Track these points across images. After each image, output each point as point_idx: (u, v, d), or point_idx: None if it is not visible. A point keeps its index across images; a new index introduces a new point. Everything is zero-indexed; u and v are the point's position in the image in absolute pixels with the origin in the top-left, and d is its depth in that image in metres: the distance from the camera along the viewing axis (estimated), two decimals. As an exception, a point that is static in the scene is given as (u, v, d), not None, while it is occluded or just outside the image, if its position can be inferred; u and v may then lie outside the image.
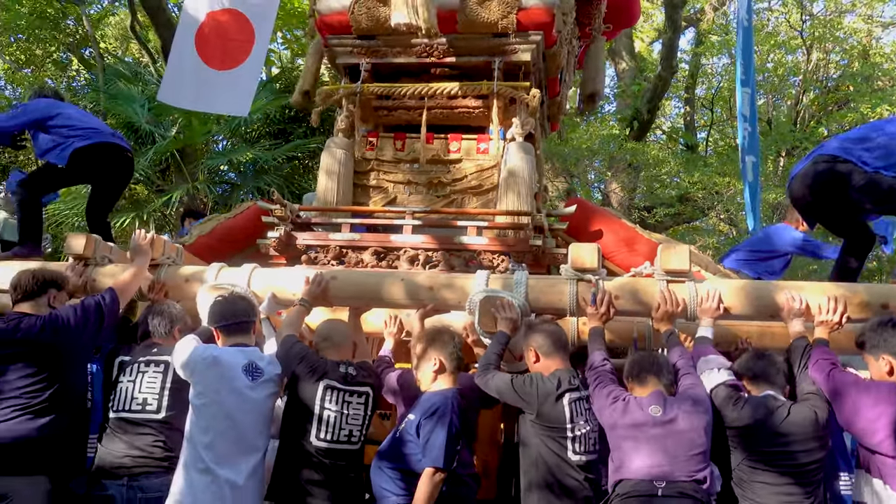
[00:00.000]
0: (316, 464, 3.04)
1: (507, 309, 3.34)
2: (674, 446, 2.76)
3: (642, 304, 3.34)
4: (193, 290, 3.73)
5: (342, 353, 3.30)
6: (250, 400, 3.03)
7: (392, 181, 4.90)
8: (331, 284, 3.57)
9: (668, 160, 14.95)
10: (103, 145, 4.28)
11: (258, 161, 10.65)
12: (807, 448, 2.79)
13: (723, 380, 3.01)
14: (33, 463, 2.98)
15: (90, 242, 3.82)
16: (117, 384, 3.24)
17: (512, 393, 3.08)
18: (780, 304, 3.18)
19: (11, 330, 3.07)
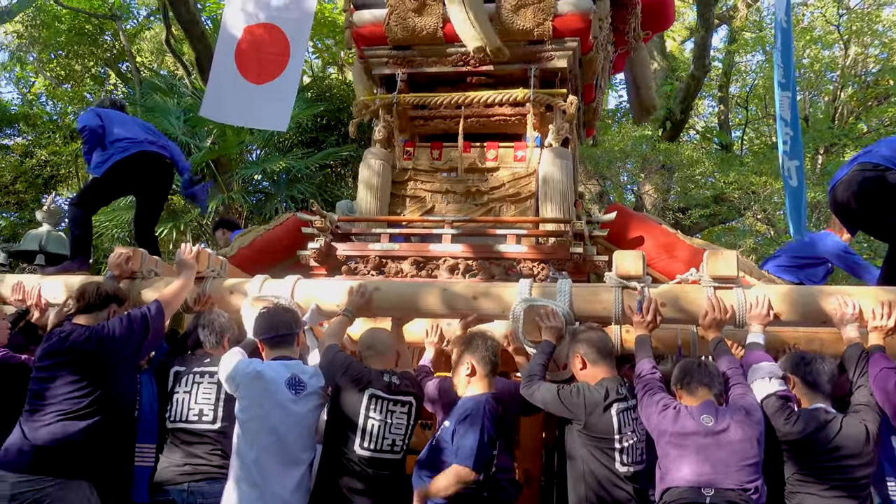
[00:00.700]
0: (358, 472, 3.05)
1: (551, 318, 3.32)
2: (725, 456, 2.72)
3: (689, 311, 3.29)
4: (238, 303, 3.77)
5: (386, 361, 3.30)
6: (294, 413, 3.05)
7: (429, 190, 4.91)
8: (374, 295, 3.58)
9: (703, 160, 14.72)
10: (139, 155, 4.35)
11: (291, 170, 10.78)
12: (857, 462, 2.74)
13: (774, 390, 2.95)
14: (74, 467, 3.04)
15: (137, 256, 3.89)
16: (173, 395, 3.30)
17: (558, 404, 3.06)
18: (832, 309, 3.11)
19: (60, 341, 3.16)
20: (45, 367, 3.15)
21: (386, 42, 5.05)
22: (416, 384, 3.32)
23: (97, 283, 3.42)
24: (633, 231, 4.63)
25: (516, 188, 4.75)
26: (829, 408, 2.91)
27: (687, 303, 3.31)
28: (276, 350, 3.21)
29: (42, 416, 3.08)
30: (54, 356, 3.14)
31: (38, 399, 3.12)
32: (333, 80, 14.23)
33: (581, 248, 4.04)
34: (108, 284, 3.49)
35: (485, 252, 4.32)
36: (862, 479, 2.74)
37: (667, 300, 3.31)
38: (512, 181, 4.77)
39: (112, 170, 4.32)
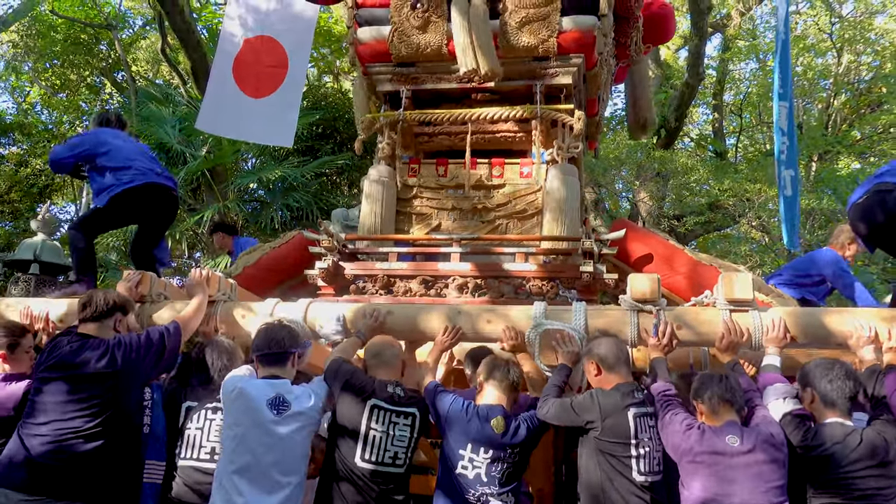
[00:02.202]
0: (360, 485, 3.02)
1: (567, 342, 3.32)
2: (752, 477, 2.71)
3: (705, 334, 3.29)
4: (249, 326, 3.74)
5: (392, 372, 3.28)
6: (274, 435, 2.95)
7: (435, 207, 4.90)
8: (387, 319, 3.57)
9: (697, 168, 14.80)
10: (145, 187, 4.28)
11: (287, 178, 10.76)
12: (875, 474, 2.72)
13: (789, 409, 2.95)
14: (76, 489, 2.95)
15: (146, 280, 3.85)
16: (185, 431, 3.23)
17: (571, 414, 3.04)
18: (848, 332, 3.12)
19: (73, 353, 3.07)
20: (52, 378, 3.04)
21: (390, 59, 5.04)
22: (422, 398, 3.28)
23: (104, 292, 3.34)
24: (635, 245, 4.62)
25: (523, 205, 4.75)
26: (846, 421, 2.89)
27: (702, 326, 3.31)
28: (267, 368, 3.15)
29: (46, 430, 2.97)
30: (64, 368, 3.04)
31: (43, 412, 3.01)
32: (329, 89, 14.24)
33: (591, 266, 4.03)
34: (114, 293, 3.40)
35: (493, 270, 4.31)
36: (884, 488, 2.70)
37: (682, 323, 3.31)
38: (518, 198, 4.77)
39: (116, 200, 4.25)
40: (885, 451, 2.76)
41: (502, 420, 3.08)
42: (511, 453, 3.07)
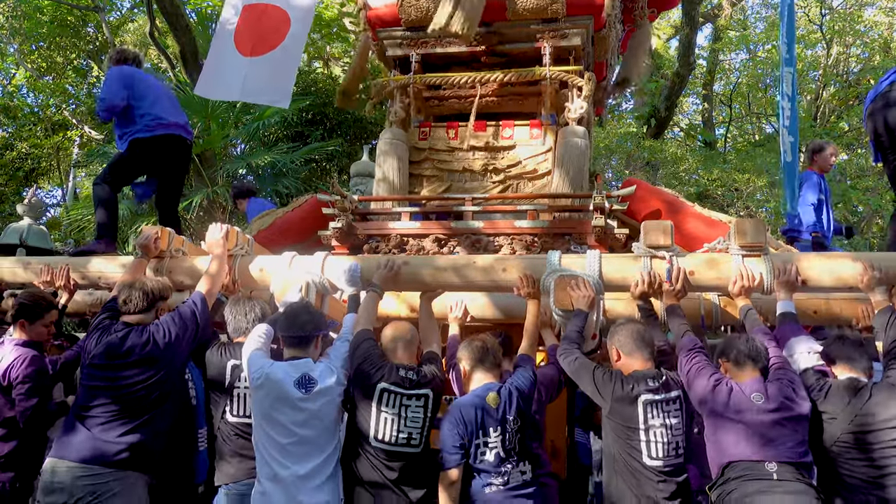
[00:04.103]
0: (375, 464, 3.08)
1: (582, 287, 3.38)
2: (779, 434, 2.76)
3: (718, 279, 3.37)
4: (267, 280, 3.78)
5: (408, 356, 3.30)
6: (305, 411, 3.04)
7: (446, 169, 4.95)
8: (402, 270, 3.61)
9: (687, 157, 14.97)
10: (165, 137, 4.33)
11: (276, 164, 10.71)
12: (891, 426, 2.76)
13: (811, 364, 3.02)
14: (136, 462, 3.07)
15: (165, 236, 3.87)
16: (233, 389, 3.30)
17: (591, 384, 3.09)
18: (859, 274, 3.19)
19: (118, 343, 3.17)
20: (103, 366, 3.15)
21: (399, 23, 5.08)
22: (436, 377, 3.29)
23: (142, 285, 3.35)
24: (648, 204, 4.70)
25: (534, 165, 4.80)
26: (862, 377, 2.96)
27: (715, 271, 3.38)
28: (292, 350, 3.20)
29: (100, 412, 3.09)
30: (113, 357, 3.15)
31: (96, 398, 3.12)
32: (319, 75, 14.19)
33: (602, 221, 4.11)
34: (150, 282, 3.44)
35: (506, 228, 4.37)
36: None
37: (695, 269, 3.38)
38: (529, 158, 4.82)
39: (134, 146, 4.29)
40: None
41: (496, 394, 3.14)
42: (514, 420, 3.12)
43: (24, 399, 3.40)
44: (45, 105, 15.49)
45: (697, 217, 4.56)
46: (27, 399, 3.40)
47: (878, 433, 2.74)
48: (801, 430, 2.78)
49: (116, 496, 3.00)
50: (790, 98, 4.99)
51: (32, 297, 3.61)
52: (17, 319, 3.53)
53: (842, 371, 2.99)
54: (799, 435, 2.77)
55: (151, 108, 4.36)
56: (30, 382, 3.42)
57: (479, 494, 3.04)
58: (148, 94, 4.40)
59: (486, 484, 3.04)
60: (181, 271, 3.83)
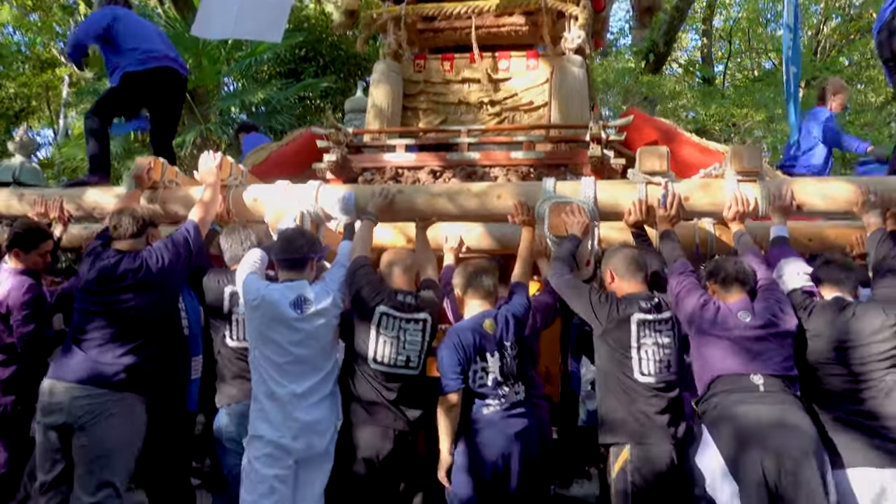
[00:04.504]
0: (375, 386, 3.15)
1: (577, 213, 3.39)
2: (765, 350, 2.81)
3: (713, 204, 3.37)
4: (261, 210, 3.79)
5: (405, 282, 3.34)
6: (301, 331, 3.09)
7: (442, 102, 4.90)
8: (397, 198, 3.62)
9: (685, 93, 14.81)
10: (159, 71, 4.27)
11: (270, 101, 10.59)
12: (874, 340, 2.80)
13: (799, 285, 3.05)
14: (133, 384, 3.13)
15: (158, 166, 3.86)
16: (231, 315, 3.37)
17: (587, 305, 3.13)
18: (853, 197, 3.20)
19: (111, 268, 3.20)
20: (97, 291, 3.19)
21: (392, -49, 4.95)
22: (434, 302, 3.34)
23: (132, 211, 3.38)
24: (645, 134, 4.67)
25: (531, 96, 4.76)
26: (847, 297, 2.99)
27: (710, 196, 3.39)
28: (287, 273, 3.23)
29: (95, 335, 3.14)
30: (107, 282, 3.18)
31: (91, 321, 3.17)
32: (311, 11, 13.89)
33: (598, 151, 4.09)
34: (140, 209, 3.47)
35: (501, 160, 4.36)
36: (888, 352, 2.79)
37: (690, 194, 3.39)
38: (526, 90, 4.77)
39: (127, 79, 4.23)
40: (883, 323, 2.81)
41: (491, 321, 3.19)
42: (511, 346, 3.18)
43: (21, 325, 3.46)
44: (33, 44, 15.17)
45: (693, 146, 4.55)
46: (24, 325, 3.46)
47: (859, 349, 2.79)
48: (786, 345, 2.84)
49: (115, 416, 3.07)
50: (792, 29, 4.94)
51: (27, 227, 3.63)
52: (11, 248, 3.56)
53: (829, 292, 3.03)
54: (785, 350, 2.83)
55: (142, 43, 4.31)
56: (27, 309, 3.47)
57: (477, 415, 3.12)
58: (138, 31, 4.35)
59: (484, 405, 3.13)
60: (175, 201, 3.83)
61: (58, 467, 3.13)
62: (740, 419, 2.71)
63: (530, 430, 3.15)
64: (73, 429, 3.06)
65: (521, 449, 3.08)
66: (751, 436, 2.66)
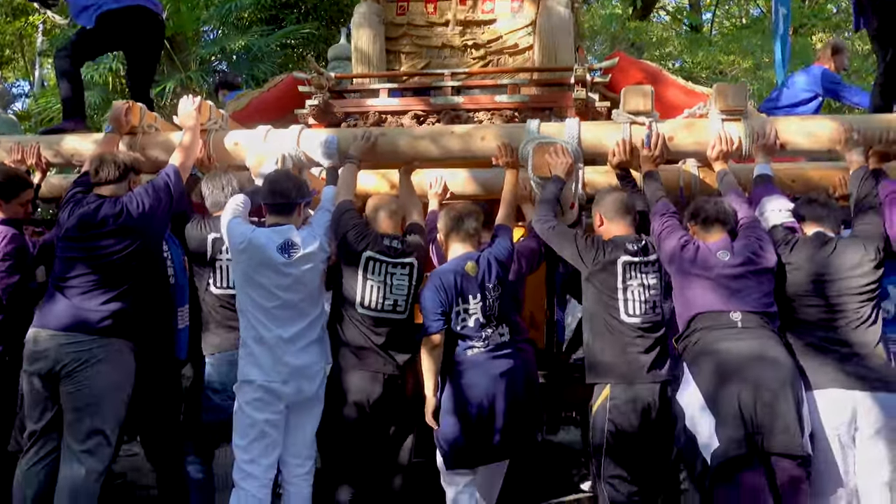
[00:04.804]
0: (363, 331, 3.16)
1: (560, 154, 3.37)
2: (744, 287, 2.84)
3: (697, 144, 3.36)
4: (242, 155, 3.74)
5: (392, 226, 3.34)
6: (289, 276, 3.08)
7: (425, 45, 4.83)
8: (379, 141, 3.58)
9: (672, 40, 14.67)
10: (134, 9, 4.15)
11: (251, 49, 10.37)
12: (852, 275, 2.85)
13: (780, 221, 3.07)
14: (118, 329, 3.12)
15: (136, 110, 3.79)
16: (215, 261, 3.34)
17: (573, 251, 3.14)
18: (837, 135, 3.20)
19: (92, 213, 3.16)
20: (77, 237, 3.16)
21: None
22: (420, 247, 3.35)
23: (113, 157, 3.35)
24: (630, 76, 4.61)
25: (514, 40, 4.69)
26: (829, 233, 3.02)
27: (694, 136, 3.38)
28: (275, 217, 3.21)
29: (78, 282, 3.12)
30: (87, 228, 3.15)
31: (73, 268, 3.14)
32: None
33: (583, 94, 4.05)
34: (123, 155, 3.43)
35: (486, 103, 4.31)
36: (866, 286, 2.84)
37: (674, 134, 3.38)
38: (510, 32, 4.70)
39: (102, 19, 4.09)
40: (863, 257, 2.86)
41: (474, 263, 3.20)
42: (494, 287, 3.20)
43: (5, 276, 3.42)
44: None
45: (679, 88, 4.53)
46: (9, 276, 3.42)
47: (837, 282, 2.85)
48: (766, 282, 2.88)
49: (102, 362, 3.07)
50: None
51: (6, 175, 3.56)
52: None
53: (810, 228, 3.06)
54: (764, 287, 2.87)
55: None
56: (10, 259, 3.42)
57: (462, 357, 3.16)
58: None
59: (468, 347, 3.16)
60: (155, 146, 3.77)
61: (46, 415, 3.14)
62: (719, 354, 2.77)
63: (515, 371, 3.19)
64: (59, 376, 3.06)
65: (507, 389, 3.12)
66: (729, 369, 2.71)
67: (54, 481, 3.07)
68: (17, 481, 3.15)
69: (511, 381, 3.14)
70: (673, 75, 4.75)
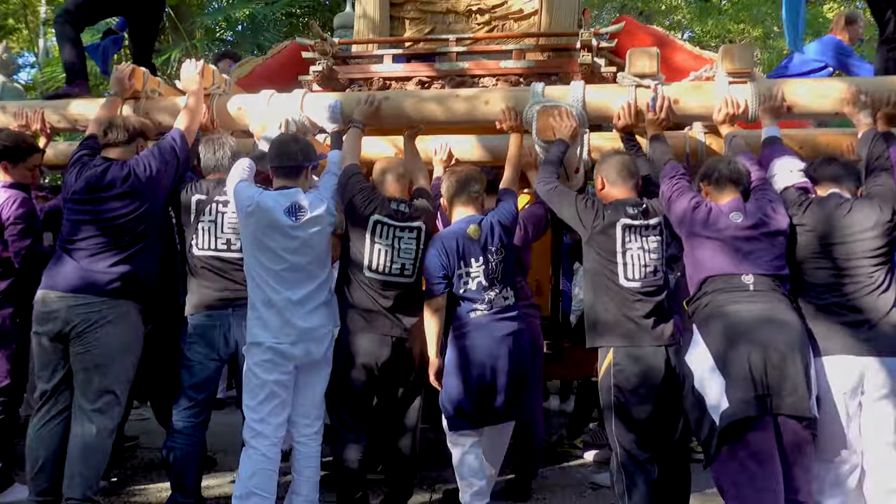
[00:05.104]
0: (371, 294, 3.19)
1: (565, 117, 3.36)
2: (757, 249, 2.82)
3: (703, 107, 3.33)
4: (246, 119, 3.75)
5: (399, 190, 3.34)
6: (296, 239, 3.09)
7: (430, 11, 4.77)
8: (383, 104, 3.57)
9: (682, 9, 14.48)
10: None
11: (256, 17, 10.34)
12: (866, 237, 2.81)
13: (793, 182, 3.03)
14: (126, 291, 3.17)
15: (139, 74, 3.78)
16: (198, 224, 3.32)
17: (573, 212, 3.12)
18: (845, 97, 3.16)
19: (99, 176, 3.18)
20: (84, 200, 3.19)
21: None
22: (427, 210, 3.35)
23: (123, 120, 3.38)
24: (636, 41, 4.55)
25: (519, 5, 4.63)
26: (844, 194, 2.97)
27: (700, 99, 3.35)
28: (282, 180, 3.21)
29: (86, 244, 3.16)
30: (96, 191, 3.17)
31: (81, 231, 3.18)
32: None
33: (589, 58, 4.01)
34: (133, 118, 3.45)
35: (491, 69, 4.27)
36: (879, 249, 2.81)
37: (680, 97, 3.34)
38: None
39: None
40: (878, 218, 2.81)
41: (477, 226, 3.21)
42: (497, 250, 3.21)
43: (17, 240, 3.45)
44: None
45: (687, 52, 4.47)
46: (21, 240, 3.45)
47: (850, 244, 2.81)
48: (777, 244, 2.85)
49: (111, 324, 3.12)
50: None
51: (14, 139, 3.57)
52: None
53: (825, 189, 3.01)
54: (776, 249, 2.84)
55: None
56: (22, 223, 3.45)
57: (465, 319, 3.19)
58: None
59: (471, 310, 3.18)
60: (159, 111, 3.76)
61: (57, 375, 3.19)
62: (729, 316, 2.75)
63: (520, 334, 3.22)
64: (69, 337, 3.11)
65: (510, 351, 3.15)
66: (739, 331, 2.70)
67: (66, 440, 3.14)
68: (30, 441, 3.21)
69: (515, 343, 3.17)
70: (681, 41, 4.66)
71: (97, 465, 3.15)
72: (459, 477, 3.22)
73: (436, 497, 3.77)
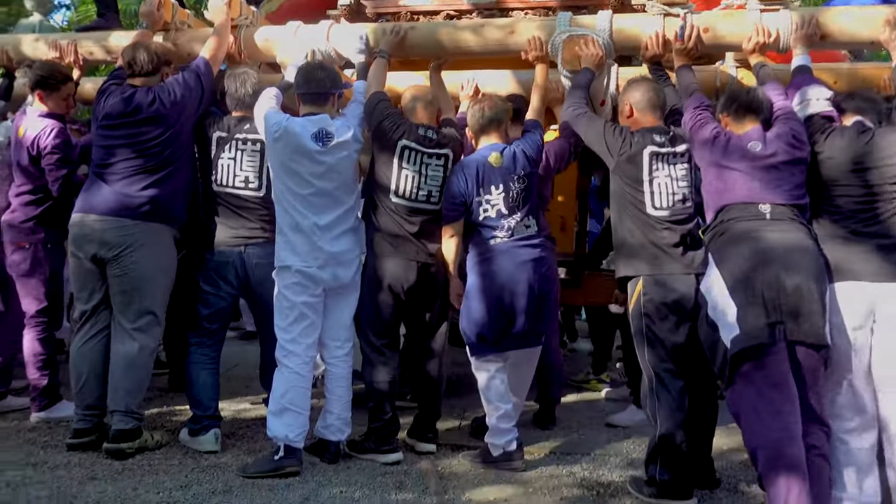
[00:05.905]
0: (396, 220, 3.25)
1: (591, 46, 3.32)
2: (775, 178, 2.77)
3: (734, 36, 3.26)
4: (272, 50, 3.78)
5: (427, 117, 3.37)
6: (323, 164, 3.13)
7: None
8: (408, 34, 3.57)
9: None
10: None
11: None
12: (889, 164, 2.74)
13: (818, 110, 2.96)
14: (158, 214, 3.28)
15: (168, 5, 3.82)
16: (218, 160, 3.39)
17: (600, 138, 3.10)
18: (882, 25, 3.05)
19: (125, 101, 3.26)
20: (112, 125, 3.28)
21: None
22: (455, 139, 3.37)
23: (146, 47, 3.41)
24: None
25: (551, -65, 4.50)
26: (867, 122, 2.90)
27: (731, 27, 3.28)
28: (308, 106, 3.24)
29: (117, 168, 3.26)
30: (122, 116, 3.26)
31: (110, 154, 3.28)
32: None
33: (619, -10, 3.92)
34: (156, 46, 3.49)
35: (520, 2, 4.20)
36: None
37: (710, 26, 3.28)
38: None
39: None
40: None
41: (499, 154, 3.21)
42: (519, 178, 3.22)
43: (54, 169, 3.55)
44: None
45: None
46: (58, 169, 3.55)
47: (873, 171, 2.76)
48: (798, 173, 2.81)
49: (146, 246, 3.24)
50: None
51: (48, 69, 3.65)
52: (35, 90, 3.59)
53: (850, 119, 2.94)
54: (796, 178, 2.80)
55: None
56: (59, 153, 3.55)
57: (485, 245, 3.23)
58: None
59: (492, 237, 3.22)
60: (189, 41, 3.81)
61: (96, 296, 3.33)
62: (746, 244, 2.72)
63: (541, 261, 3.26)
64: (105, 260, 3.24)
65: (531, 276, 3.19)
66: (755, 258, 2.67)
67: (107, 357, 3.29)
68: (73, 359, 3.37)
69: (536, 269, 3.21)
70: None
71: (140, 380, 3.31)
72: (486, 401, 3.30)
73: (465, 423, 3.89)
